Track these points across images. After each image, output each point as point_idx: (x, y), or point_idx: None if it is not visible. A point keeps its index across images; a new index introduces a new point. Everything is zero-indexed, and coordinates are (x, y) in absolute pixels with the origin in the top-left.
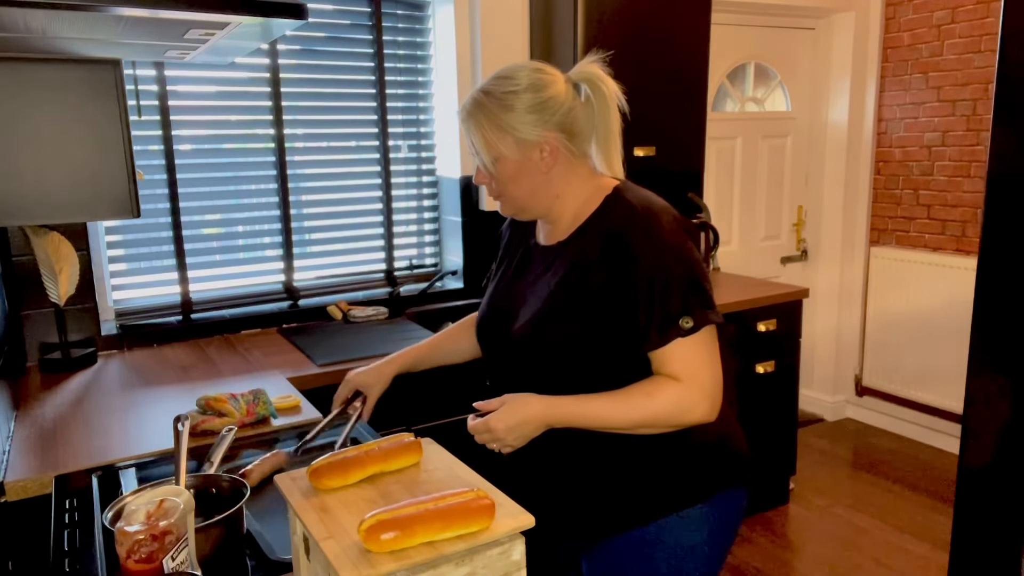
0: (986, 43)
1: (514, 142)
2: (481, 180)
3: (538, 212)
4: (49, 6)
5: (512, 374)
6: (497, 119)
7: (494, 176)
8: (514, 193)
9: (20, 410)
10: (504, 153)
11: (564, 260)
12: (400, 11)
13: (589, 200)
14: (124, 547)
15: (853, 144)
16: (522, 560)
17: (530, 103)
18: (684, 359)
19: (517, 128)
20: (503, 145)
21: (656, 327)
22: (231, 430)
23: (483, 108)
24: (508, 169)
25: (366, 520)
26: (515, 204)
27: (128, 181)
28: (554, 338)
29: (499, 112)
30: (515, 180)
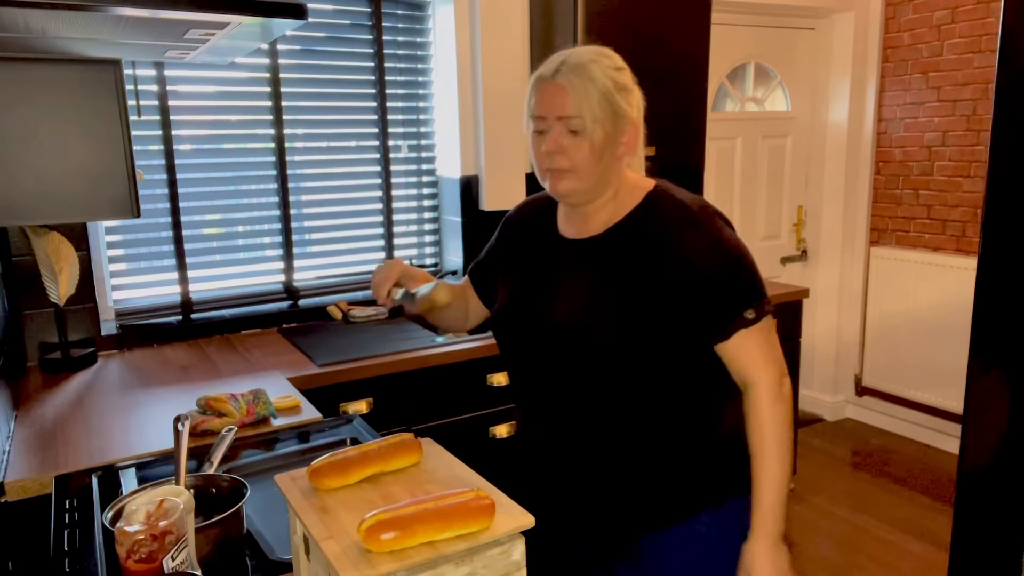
0: (986, 43)
1: (615, 116)
2: (554, 148)
3: (592, 198)
4: (49, 6)
5: (544, 369)
6: (612, 87)
7: (578, 145)
8: (588, 169)
9: (20, 410)
10: (604, 123)
11: (607, 254)
12: (400, 11)
13: (630, 195)
14: (124, 547)
15: (853, 144)
16: (522, 560)
17: (633, 85)
18: (751, 350)
19: (623, 104)
20: (606, 115)
21: (722, 320)
22: (231, 430)
23: (604, 71)
24: (597, 142)
25: (366, 520)
26: (580, 182)
27: (128, 181)
28: (605, 336)
29: (616, 80)
30: (597, 157)
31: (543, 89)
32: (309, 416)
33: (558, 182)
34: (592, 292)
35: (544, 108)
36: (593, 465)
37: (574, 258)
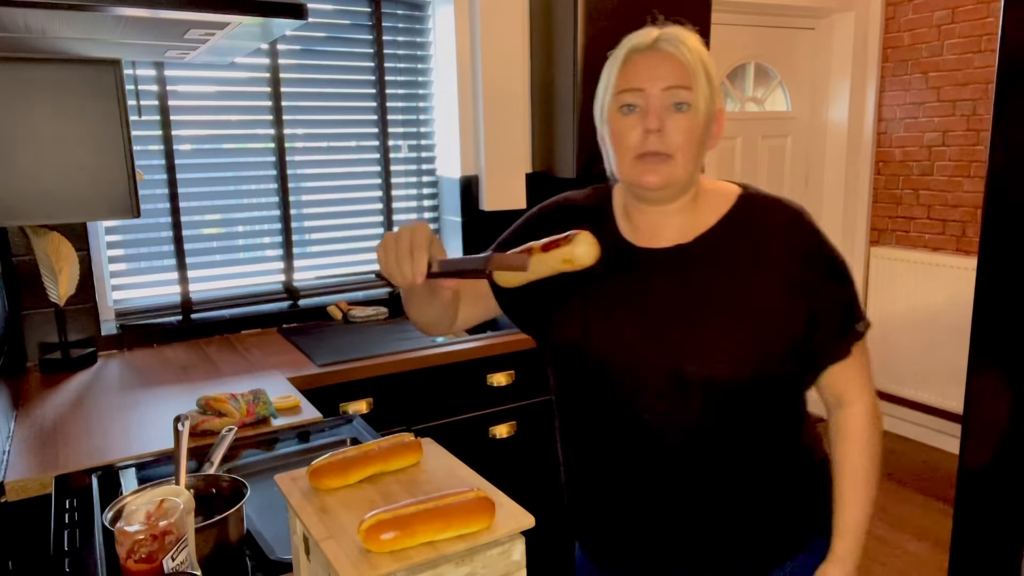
0: (986, 43)
1: (714, 95)
2: (656, 125)
3: (680, 193)
4: (49, 6)
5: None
6: (710, 63)
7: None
8: (690, 155)
9: (20, 410)
10: (708, 101)
11: (709, 266)
12: (400, 11)
13: (713, 197)
14: (124, 547)
15: (853, 144)
16: (522, 560)
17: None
18: (858, 367)
19: (716, 84)
20: (711, 90)
21: (844, 334)
22: (231, 430)
23: (701, 44)
24: (701, 121)
25: (366, 520)
26: (679, 170)
27: (128, 181)
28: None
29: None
30: (699, 140)
31: (640, 59)
32: (309, 416)
33: (655, 170)
34: (709, 314)
35: (643, 78)
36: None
37: (662, 272)
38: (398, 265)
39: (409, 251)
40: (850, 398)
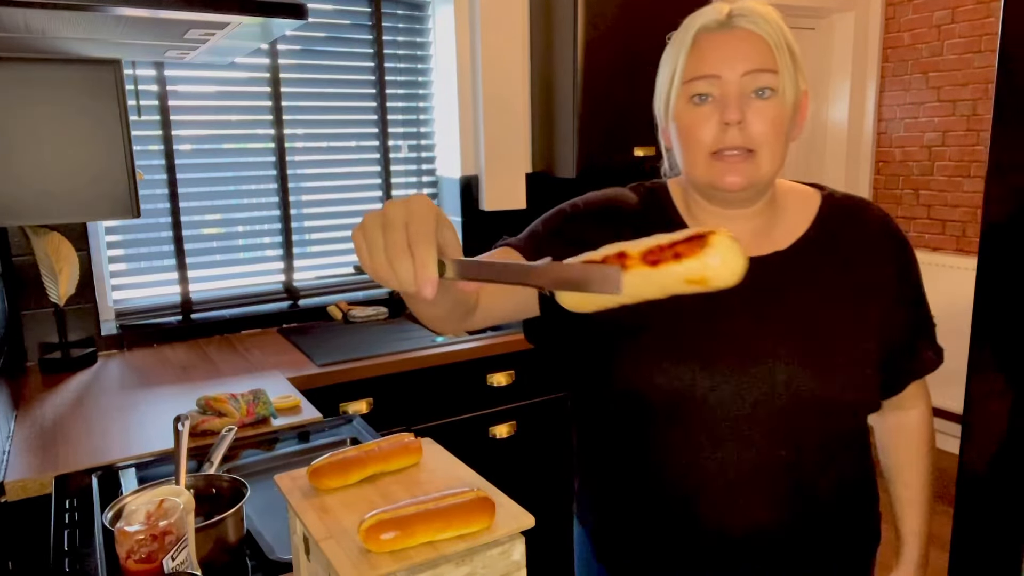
0: (986, 43)
1: (800, 78)
2: (737, 116)
3: (762, 192)
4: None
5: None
6: (796, 49)
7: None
8: (776, 150)
9: (20, 410)
10: (796, 85)
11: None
12: (400, 11)
13: (792, 198)
14: (124, 547)
15: (853, 144)
16: (522, 560)
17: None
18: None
19: (800, 63)
20: (798, 73)
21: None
22: (231, 430)
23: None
24: (788, 109)
25: (366, 520)
26: (764, 169)
27: (128, 181)
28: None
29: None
30: (785, 132)
31: (712, 40)
32: (309, 416)
33: (735, 169)
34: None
35: (718, 62)
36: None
37: (762, 286)
38: (391, 267)
39: (406, 247)
40: (912, 402)
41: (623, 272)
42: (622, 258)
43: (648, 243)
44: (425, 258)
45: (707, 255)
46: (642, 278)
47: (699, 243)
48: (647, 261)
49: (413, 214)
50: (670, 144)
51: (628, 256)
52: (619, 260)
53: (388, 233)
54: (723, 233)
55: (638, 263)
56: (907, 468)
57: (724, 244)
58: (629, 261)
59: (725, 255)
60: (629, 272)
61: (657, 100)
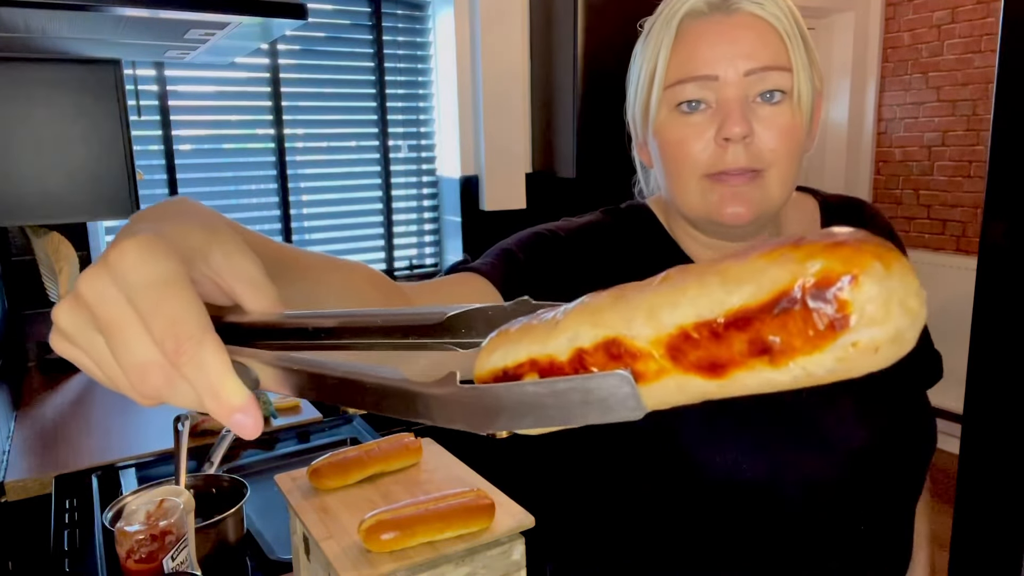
0: (986, 43)
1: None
2: (745, 128)
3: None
4: (49, 6)
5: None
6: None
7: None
8: (787, 165)
9: (20, 410)
10: (813, 82)
11: None
12: (400, 11)
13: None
14: (124, 547)
15: (853, 144)
16: (522, 560)
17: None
18: None
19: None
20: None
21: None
22: (231, 430)
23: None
24: (801, 119)
25: (366, 520)
26: (772, 191)
27: (128, 181)
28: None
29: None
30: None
31: (703, 29)
32: (309, 416)
33: (739, 197)
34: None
35: (713, 58)
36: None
37: None
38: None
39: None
40: None
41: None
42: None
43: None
44: (212, 380)
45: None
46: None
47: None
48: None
49: (141, 292)
50: (650, 162)
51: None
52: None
53: (115, 338)
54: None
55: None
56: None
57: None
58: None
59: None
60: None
61: (630, 107)
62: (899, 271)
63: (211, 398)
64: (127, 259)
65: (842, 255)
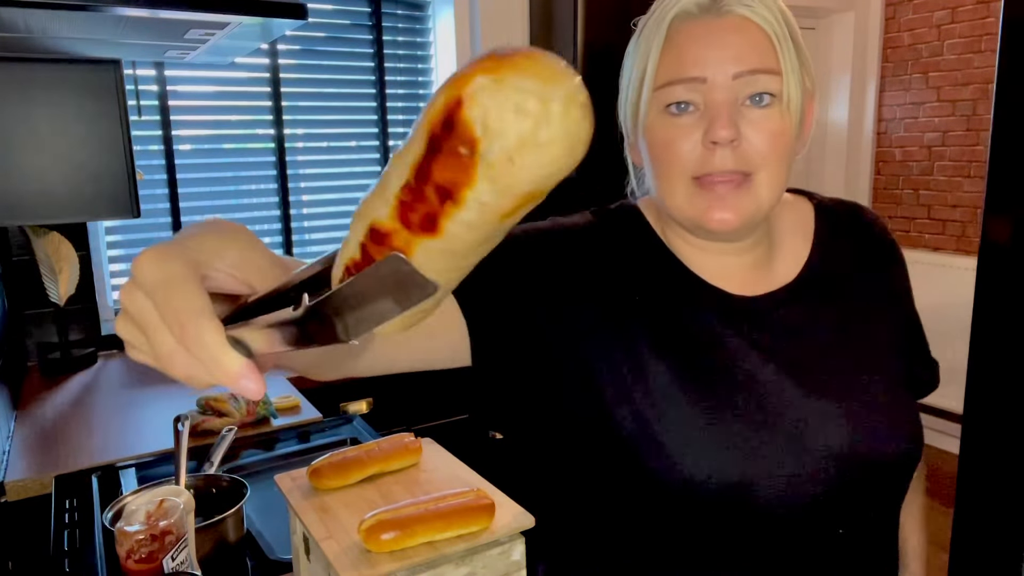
0: (986, 43)
1: (808, 76)
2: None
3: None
4: (49, 6)
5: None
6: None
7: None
8: (776, 168)
9: (20, 410)
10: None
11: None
12: (400, 11)
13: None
14: (124, 547)
15: (853, 144)
16: (522, 560)
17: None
18: None
19: (805, 57)
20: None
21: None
22: (231, 430)
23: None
24: (791, 122)
25: (366, 520)
26: (761, 195)
27: (128, 181)
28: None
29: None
30: (790, 146)
31: (692, 31)
32: (309, 416)
33: (727, 202)
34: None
35: (702, 60)
36: None
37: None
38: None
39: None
40: None
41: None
42: (382, 240)
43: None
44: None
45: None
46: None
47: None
48: (417, 226)
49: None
50: (640, 163)
51: (386, 233)
52: (382, 243)
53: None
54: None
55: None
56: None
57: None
58: (395, 238)
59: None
60: (416, 253)
61: (622, 107)
62: (512, 78)
63: (216, 369)
64: (143, 267)
65: (455, 81)
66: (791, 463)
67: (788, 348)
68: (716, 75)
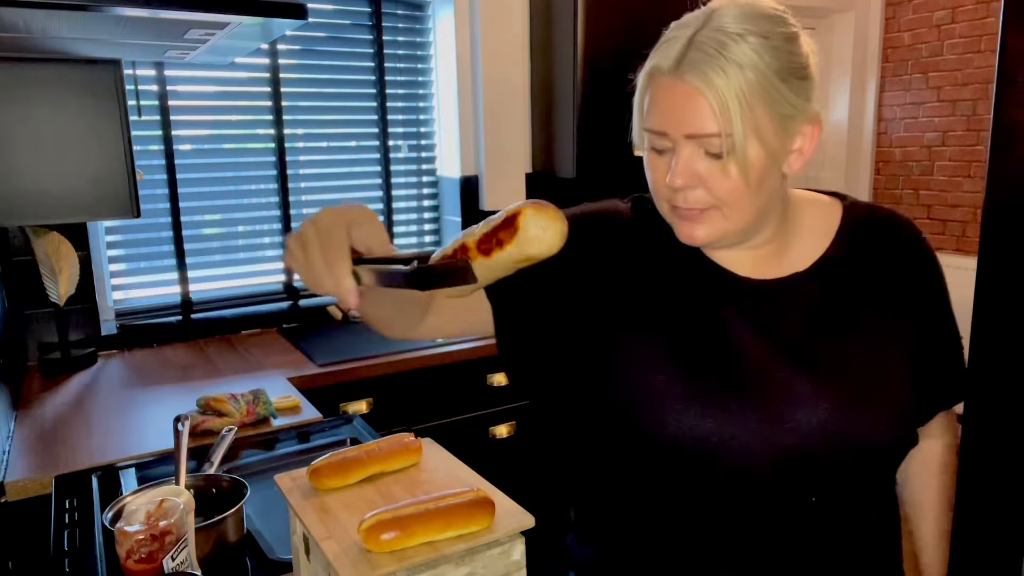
0: (986, 43)
1: (783, 119)
2: (687, 180)
3: (747, 238)
4: (49, 6)
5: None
6: (776, 74)
7: (722, 173)
8: (742, 205)
9: (20, 410)
10: (764, 134)
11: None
12: (400, 11)
13: (810, 210)
14: (124, 547)
15: (853, 144)
16: (522, 560)
17: (802, 59)
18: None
19: (796, 97)
20: (767, 121)
21: (961, 371)
22: (231, 430)
23: (761, 49)
24: (755, 165)
25: (366, 520)
26: (729, 223)
27: (128, 181)
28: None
29: (787, 59)
30: (756, 185)
31: (662, 88)
32: (309, 416)
33: (693, 226)
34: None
35: (664, 119)
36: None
37: (774, 313)
38: (317, 283)
39: (322, 264)
40: (938, 431)
41: (470, 262)
42: (465, 252)
43: (480, 231)
44: (339, 273)
45: (522, 239)
46: (485, 267)
47: (511, 228)
48: (481, 251)
49: (320, 230)
50: None
51: (468, 248)
52: (464, 253)
53: (306, 253)
54: (529, 209)
55: (476, 254)
56: (931, 502)
57: (533, 221)
58: (470, 253)
59: (538, 232)
60: (475, 263)
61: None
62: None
63: (337, 284)
64: (322, 215)
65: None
66: (764, 431)
67: (786, 328)
68: (673, 132)
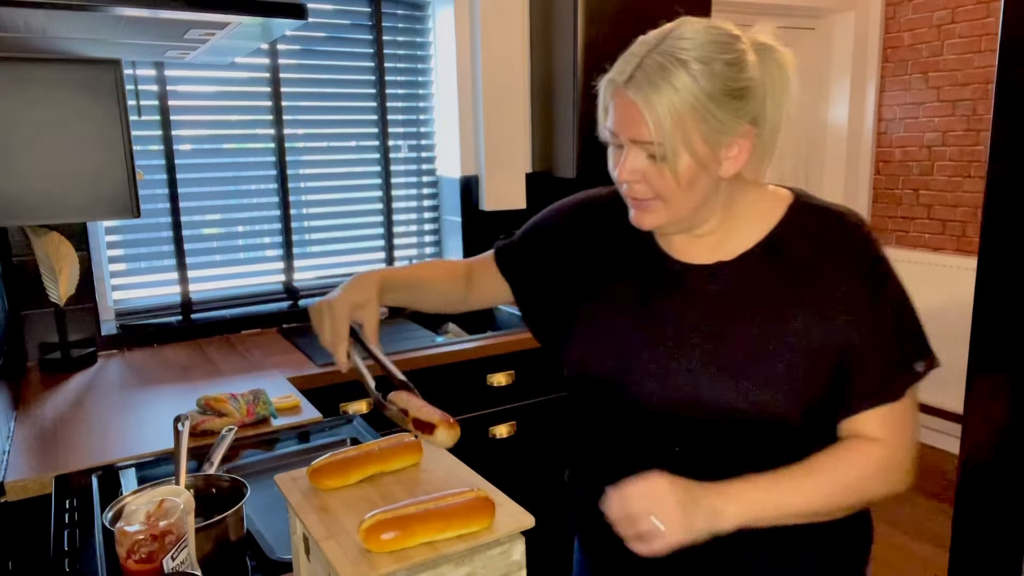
0: (986, 43)
1: (714, 134)
2: (630, 175)
3: (693, 225)
4: (49, 6)
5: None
6: (708, 97)
7: (659, 173)
8: (679, 200)
9: (20, 410)
10: (693, 146)
11: (752, 286)
12: (400, 11)
13: (758, 206)
14: (124, 547)
15: (853, 144)
16: (522, 560)
17: (741, 82)
18: (890, 415)
19: (726, 115)
20: (696, 136)
21: (889, 375)
22: (231, 430)
23: (699, 76)
24: (684, 170)
25: (366, 520)
26: (671, 214)
27: (128, 181)
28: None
29: (722, 83)
30: (688, 185)
31: (614, 97)
32: (309, 416)
33: (641, 214)
34: (756, 345)
35: (616, 125)
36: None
37: (704, 294)
38: (326, 346)
39: (331, 339)
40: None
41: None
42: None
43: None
44: (338, 351)
45: (436, 436)
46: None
47: (430, 430)
48: (415, 426)
49: (332, 312)
50: None
51: (408, 414)
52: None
53: (321, 326)
54: (444, 430)
55: (409, 423)
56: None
57: (444, 434)
58: (408, 416)
59: (445, 437)
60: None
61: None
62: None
63: (336, 355)
64: (337, 301)
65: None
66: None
67: (711, 305)
68: (622, 135)
